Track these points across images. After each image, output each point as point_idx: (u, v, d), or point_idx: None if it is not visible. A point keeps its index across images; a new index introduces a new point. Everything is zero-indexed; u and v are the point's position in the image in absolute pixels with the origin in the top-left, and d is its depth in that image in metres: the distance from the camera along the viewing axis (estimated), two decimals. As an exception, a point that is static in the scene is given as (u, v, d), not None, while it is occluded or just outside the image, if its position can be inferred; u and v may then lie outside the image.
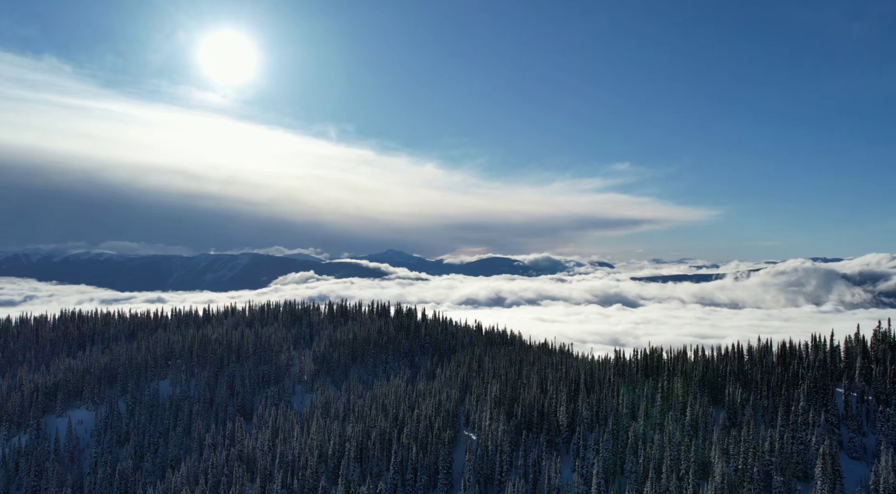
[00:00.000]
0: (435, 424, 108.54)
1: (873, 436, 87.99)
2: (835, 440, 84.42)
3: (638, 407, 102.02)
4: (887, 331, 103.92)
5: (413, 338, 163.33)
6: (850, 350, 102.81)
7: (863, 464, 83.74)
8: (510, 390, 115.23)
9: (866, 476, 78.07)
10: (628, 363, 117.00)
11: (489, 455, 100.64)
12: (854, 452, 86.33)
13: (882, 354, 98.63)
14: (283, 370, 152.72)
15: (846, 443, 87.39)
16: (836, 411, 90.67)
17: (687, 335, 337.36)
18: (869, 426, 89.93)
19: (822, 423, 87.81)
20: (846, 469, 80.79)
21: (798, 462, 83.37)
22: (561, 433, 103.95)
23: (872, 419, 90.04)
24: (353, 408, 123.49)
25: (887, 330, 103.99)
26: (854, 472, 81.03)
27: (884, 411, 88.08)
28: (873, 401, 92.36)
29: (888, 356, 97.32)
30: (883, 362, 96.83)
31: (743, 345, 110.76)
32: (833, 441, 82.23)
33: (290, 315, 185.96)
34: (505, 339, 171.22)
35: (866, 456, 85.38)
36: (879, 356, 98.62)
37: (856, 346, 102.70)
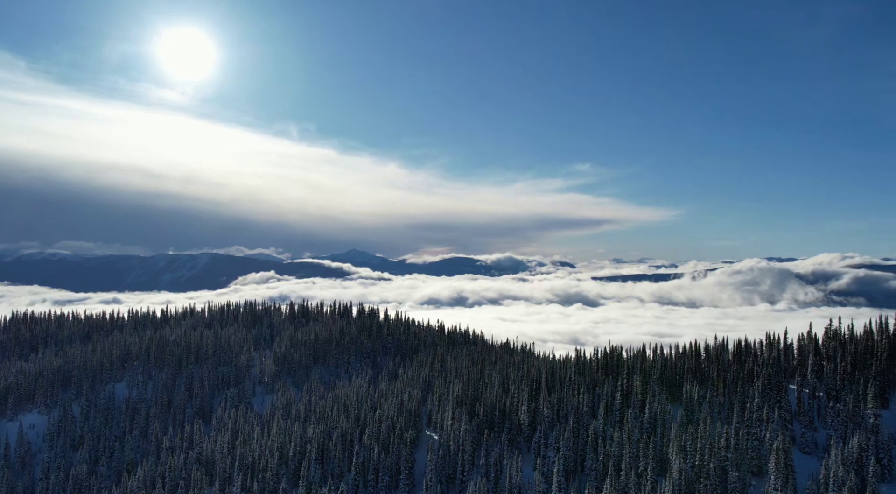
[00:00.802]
0: (397, 424, 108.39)
1: (824, 431, 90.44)
2: (787, 435, 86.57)
3: (598, 405, 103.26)
4: (838, 329, 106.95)
5: (375, 338, 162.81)
6: (802, 348, 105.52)
7: (814, 459, 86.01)
8: (472, 389, 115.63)
9: (817, 471, 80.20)
10: (588, 361, 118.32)
11: (451, 454, 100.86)
12: (806, 447, 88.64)
13: (833, 351, 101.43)
14: (243, 371, 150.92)
15: (798, 438, 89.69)
16: (789, 407, 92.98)
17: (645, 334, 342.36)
18: (820, 422, 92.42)
19: (776, 419, 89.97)
20: (798, 464, 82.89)
21: (752, 458, 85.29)
22: (522, 432, 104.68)
23: (823, 414, 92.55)
24: (315, 409, 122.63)
25: (838, 328, 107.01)
26: (806, 466, 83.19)
27: (834, 407, 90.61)
28: (824, 397, 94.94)
29: (839, 353, 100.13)
30: (834, 359, 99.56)
31: (700, 343, 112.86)
32: (786, 436, 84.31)
33: (251, 316, 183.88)
34: (467, 339, 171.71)
35: (817, 451, 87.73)
36: (831, 353, 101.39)
37: (808, 344, 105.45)
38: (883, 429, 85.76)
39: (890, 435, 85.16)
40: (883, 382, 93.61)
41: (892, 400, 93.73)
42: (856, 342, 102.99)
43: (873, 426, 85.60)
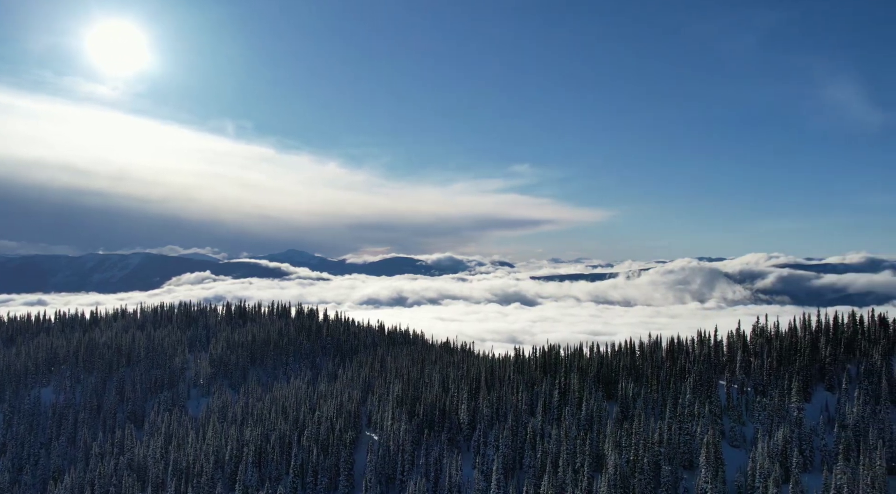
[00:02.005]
0: (336, 425, 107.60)
1: (752, 425, 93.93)
2: (717, 429, 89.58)
3: (536, 403, 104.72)
4: (764, 326, 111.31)
5: (314, 339, 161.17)
6: (731, 345, 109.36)
7: (742, 452, 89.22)
8: (412, 389, 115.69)
9: (745, 463, 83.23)
10: (527, 360, 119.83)
11: (391, 454, 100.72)
12: (735, 440, 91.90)
13: (760, 348, 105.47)
14: (177, 373, 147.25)
15: (727, 432, 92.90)
16: (718, 402, 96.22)
17: (581, 333, 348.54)
18: (748, 416, 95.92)
19: (706, 414, 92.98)
20: (727, 457, 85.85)
21: (684, 452, 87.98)
22: (462, 431, 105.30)
23: (751, 409, 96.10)
24: (252, 412, 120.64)
25: (764, 326, 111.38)
26: (735, 459, 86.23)
27: (761, 401, 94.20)
28: (752, 392, 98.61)
29: (765, 350, 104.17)
30: (761, 355, 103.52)
31: (635, 342, 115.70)
32: (716, 430, 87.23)
33: (185, 317, 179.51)
34: (407, 339, 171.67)
35: (745, 444, 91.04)
36: (758, 349, 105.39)
37: (737, 341, 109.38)
38: (806, 422, 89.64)
39: (812, 428, 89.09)
40: (806, 377, 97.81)
41: (815, 394, 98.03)
42: (781, 338, 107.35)
43: (797, 419, 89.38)
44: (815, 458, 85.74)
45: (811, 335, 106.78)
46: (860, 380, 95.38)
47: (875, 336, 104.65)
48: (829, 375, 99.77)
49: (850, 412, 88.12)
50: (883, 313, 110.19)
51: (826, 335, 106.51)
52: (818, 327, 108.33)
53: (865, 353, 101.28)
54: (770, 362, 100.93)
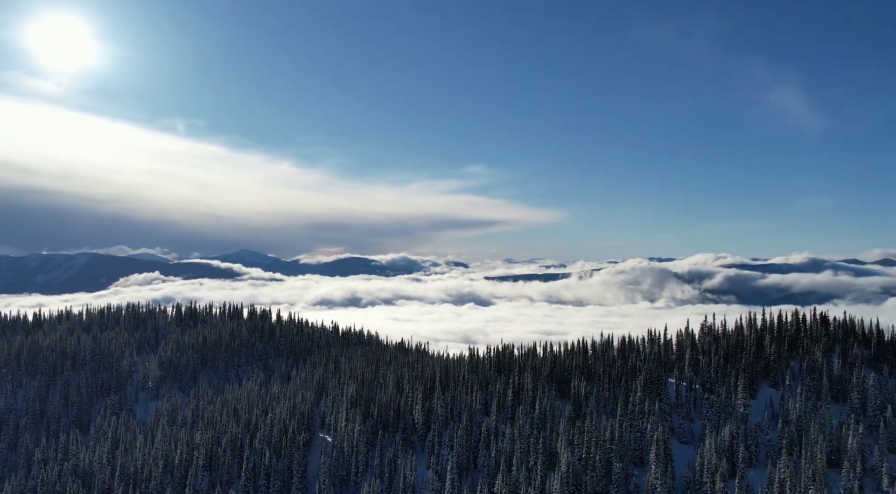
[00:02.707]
0: (289, 427, 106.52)
1: (700, 422, 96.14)
2: (667, 426, 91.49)
3: (491, 403, 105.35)
4: (712, 325, 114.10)
5: (267, 340, 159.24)
6: (680, 343, 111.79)
7: (691, 448, 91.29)
8: (366, 390, 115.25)
9: (693, 459, 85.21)
10: (482, 360, 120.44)
11: (345, 456, 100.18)
12: (683, 437, 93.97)
13: (708, 346, 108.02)
14: (124, 376, 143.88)
15: (676, 429, 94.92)
16: (668, 400, 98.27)
17: (534, 332, 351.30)
18: (696, 413, 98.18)
19: (656, 411, 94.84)
20: (676, 453, 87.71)
21: (635, 449, 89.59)
22: (417, 431, 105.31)
23: (699, 406, 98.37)
24: (203, 415, 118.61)
25: (712, 324, 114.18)
26: (683, 456, 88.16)
27: (709, 398, 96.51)
28: (700, 389, 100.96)
29: (713, 348, 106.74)
30: (709, 353, 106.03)
31: (587, 341, 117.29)
32: (665, 427, 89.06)
33: (134, 319, 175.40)
34: (362, 339, 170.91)
35: (693, 440, 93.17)
36: (706, 348, 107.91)
37: (685, 339, 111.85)
38: (751, 418, 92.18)
39: (757, 424, 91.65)
40: (751, 374, 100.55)
41: (760, 391, 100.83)
42: (728, 337, 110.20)
43: (743, 415, 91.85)
44: (759, 453, 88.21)
45: (756, 334, 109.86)
46: (803, 377, 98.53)
47: (817, 334, 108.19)
48: (774, 372, 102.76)
49: (793, 408, 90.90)
50: (824, 311, 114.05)
51: (771, 333, 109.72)
52: (763, 325, 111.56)
53: (808, 350, 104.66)
54: (717, 360, 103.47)
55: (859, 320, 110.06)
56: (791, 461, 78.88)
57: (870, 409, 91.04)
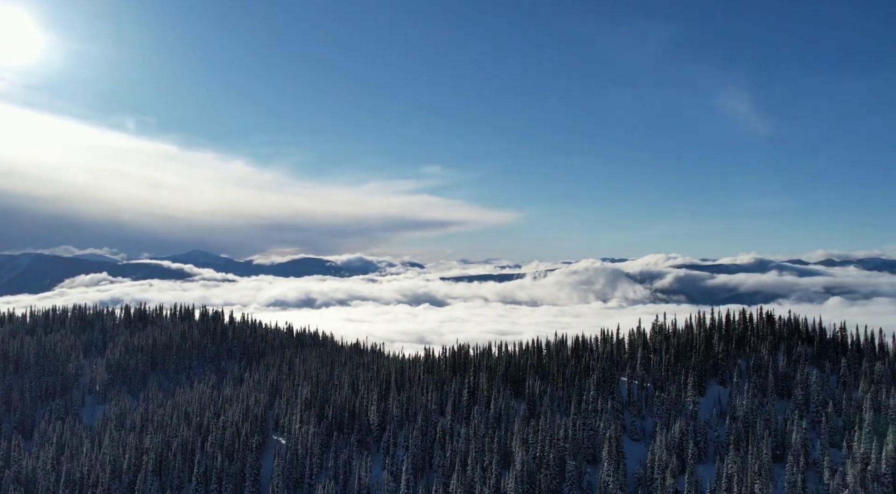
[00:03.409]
0: (242, 430, 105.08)
1: (651, 419, 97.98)
2: (619, 424, 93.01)
3: (446, 403, 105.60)
4: (663, 324, 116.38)
5: (219, 342, 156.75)
6: (632, 342, 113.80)
7: (642, 445, 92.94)
8: (321, 391, 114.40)
9: (645, 456, 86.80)
10: (437, 360, 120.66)
11: (299, 458, 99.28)
12: (635, 434, 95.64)
13: (659, 345, 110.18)
14: (70, 380, 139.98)
15: (628, 427, 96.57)
16: (620, 398, 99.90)
17: (488, 332, 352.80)
18: (647, 411, 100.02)
19: (609, 410, 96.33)
20: (628, 451, 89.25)
21: (588, 447, 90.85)
22: (372, 432, 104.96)
23: (650, 403, 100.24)
24: (153, 418, 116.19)
25: (663, 324, 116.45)
26: (635, 453, 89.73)
27: (659, 396, 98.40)
28: (651, 387, 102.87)
29: (664, 346, 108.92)
30: (659, 352, 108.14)
31: (541, 340, 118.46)
32: (617, 425, 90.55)
33: (80, 321, 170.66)
34: (316, 340, 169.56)
35: (645, 438, 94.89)
36: (657, 347, 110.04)
37: (637, 338, 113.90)
38: (700, 415, 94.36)
39: (706, 420, 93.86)
40: (701, 372, 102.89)
41: (709, 388, 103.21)
42: (678, 336, 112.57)
43: (692, 412, 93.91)
44: (708, 449, 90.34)
45: (705, 333, 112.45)
46: (749, 374, 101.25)
47: (763, 333, 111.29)
48: (722, 370, 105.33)
49: (741, 405, 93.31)
50: (770, 311, 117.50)
51: (719, 332, 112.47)
52: (712, 324, 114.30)
53: (754, 348, 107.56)
54: (668, 358, 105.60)
55: (803, 318, 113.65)
56: (738, 456, 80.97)
57: (812, 405, 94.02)
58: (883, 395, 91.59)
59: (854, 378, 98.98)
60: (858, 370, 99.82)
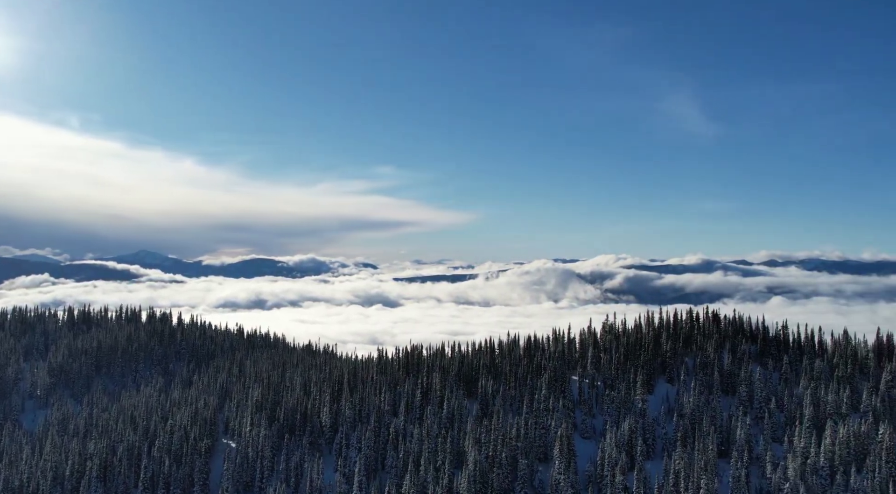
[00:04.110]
0: (191, 434, 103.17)
1: (601, 417, 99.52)
2: (570, 423, 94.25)
3: (399, 403, 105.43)
4: (613, 324, 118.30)
5: (167, 344, 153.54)
6: (583, 342, 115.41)
7: (592, 443, 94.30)
8: (272, 393, 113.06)
9: (595, 453, 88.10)
10: (390, 361, 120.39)
11: (249, 461, 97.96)
12: (586, 432, 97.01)
13: (609, 344, 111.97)
14: (10, 384, 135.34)
15: (579, 425, 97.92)
16: (571, 396, 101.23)
17: (440, 333, 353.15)
18: (598, 409, 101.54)
19: (560, 408, 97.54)
20: (579, 449, 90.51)
21: (540, 446, 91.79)
22: (324, 433, 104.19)
23: (601, 402, 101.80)
24: (97, 423, 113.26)
25: (613, 323, 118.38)
26: (586, 450, 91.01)
27: (610, 394, 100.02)
28: (601, 386, 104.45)
29: (614, 346, 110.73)
30: (610, 351, 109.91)
31: (494, 340, 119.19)
32: (568, 424, 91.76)
33: (21, 323, 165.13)
34: (267, 342, 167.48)
35: (595, 436, 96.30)
36: (607, 346, 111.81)
37: (588, 338, 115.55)
38: (649, 412, 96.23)
39: (654, 418, 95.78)
40: (649, 370, 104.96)
41: (657, 386, 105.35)
42: (627, 335, 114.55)
43: (641, 410, 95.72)
44: (657, 446, 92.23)
45: (654, 332, 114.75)
46: (696, 372, 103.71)
47: (709, 331, 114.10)
48: (670, 368, 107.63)
49: (687, 402, 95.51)
50: (715, 310, 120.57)
51: (667, 331, 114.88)
52: (660, 324, 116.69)
53: (701, 347, 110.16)
54: (618, 357, 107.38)
55: (747, 318, 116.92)
56: (685, 452, 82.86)
57: (756, 401, 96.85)
58: (822, 391, 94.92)
59: (795, 375, 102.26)
60: (799, 367, 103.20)
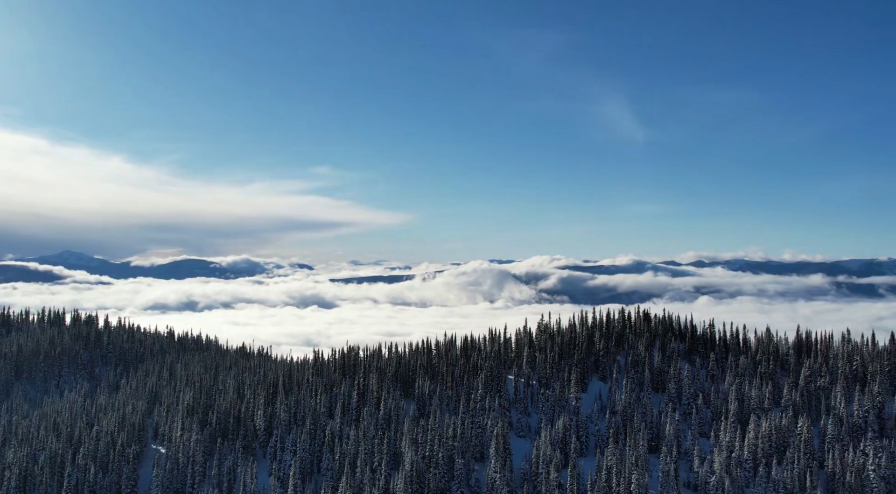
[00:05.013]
0: (118, 440, 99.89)
1: (536, 415, 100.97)
2: (506, 421, 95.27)
3: (335, 405, 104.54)
4: (548, 323, 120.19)
5: (93, 348, 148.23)
6: (519, 342, 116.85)
7: (527, 441, 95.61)
8: (205, 397, 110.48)
9: (530, 451, 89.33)
10: (326, 362, 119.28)
11: (180, 467, 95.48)
12: (521, 431, 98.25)
13: (544, 343, 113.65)
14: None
15: (515, 424, 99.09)
16: (507, 395, 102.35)
17: (376, 334, 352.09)
18: (533, 407, 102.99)
19: (496, 407, 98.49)
20: (515, 447, 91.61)
21: (476, 445, 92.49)
22: (258, 437, 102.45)
23: (536, 400, 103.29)
24: (17, 431, 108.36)
25: (548, 323, 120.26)
26: (521, 449, 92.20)
27: (545, 393, 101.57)
28: (537, 385, 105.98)
29: (549, 345, 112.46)
30: (544, 350, 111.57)
31: (431, 341, 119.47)
32: (504, 422, 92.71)
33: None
34: (200, 344, 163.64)
35: (530, 434, 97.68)
36: (542, 345, 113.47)
37: (524, 338, 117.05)
38: (582, 410, 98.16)
39: (588, 415, 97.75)
40: (583, 369, 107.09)
41: (591, 384, 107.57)
42: (562, 334, 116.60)
43: (575, 408, 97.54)
44: (590, 443, 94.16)
45: (587, 331, 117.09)
46: (628, 370, 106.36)
47: (640, 330, 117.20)
48: (603, 366, 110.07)
49: (619, 399, 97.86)
50: (646, 309, 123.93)
51: (600, 330, 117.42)
52: (593, 323, 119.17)
53: (632, 345, 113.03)
54: (552, 356, 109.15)
55: (676, 317, 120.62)
56: (617, 448, 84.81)
57: (684, 398, 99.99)
58: (746, 387, 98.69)
59: (721, 372, 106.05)
60: (725, 364, 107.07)
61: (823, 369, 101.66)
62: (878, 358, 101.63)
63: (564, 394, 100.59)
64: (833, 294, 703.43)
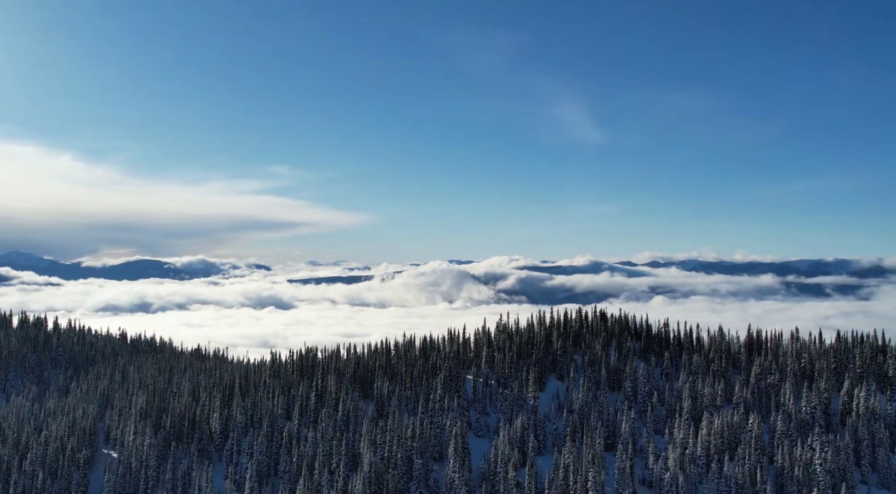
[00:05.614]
0: (67, 445, 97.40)
1: (494, 415, 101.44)
2: (464, 421, 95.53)
3: (293, 407, 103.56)
4: (506, 323, 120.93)
5: (42, 350, 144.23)
6: (478, 342, 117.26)
7: (486, 440, 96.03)
8: (158, 400, 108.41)
9: (489, 451, 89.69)
10: (284, 364, 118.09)
11: (133, 471, 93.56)
12: (480, 431, 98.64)
13: (503, 343, 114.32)
14: None
15: (474, 423, 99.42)
16: (466, 395, 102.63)
17: (335, 335, 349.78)
18: (491, 407, 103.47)
19: (455, 407, 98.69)
20: (473, 446, 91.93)
21: (435, 445, 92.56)
22: (214, 440, 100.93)
23: (494, 400, 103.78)
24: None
25: (506, 323, 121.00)
26: (480, 448, 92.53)
27: (503, 392, 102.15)
28: (495, 384, 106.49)
29: (507, 345, 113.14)
30: (503, 350, 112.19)
31: (390, 341, 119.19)
32: (463, 422, 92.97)
33: None
34: (153, 347, 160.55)
35: (489, 433, 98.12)
36: (501, 345, 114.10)
37: (482, 337, 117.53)
38: (540, 409, 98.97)
39: (545, 414, 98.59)
40: (541, 368, 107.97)
41: (548, 383, 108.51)
42: (520, 334, 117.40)
43: (533, 407, 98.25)
44: (547, 441, 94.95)
45: (545, 331, 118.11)
46: (585, 369, 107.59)
47: (597, 330, 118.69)
48: (560, 365, 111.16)
49: (577, 398, 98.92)
50: (603, 309, 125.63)
51: (558, 330, 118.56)
52: (551, 323, 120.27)
53: (589, 345, 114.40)
54: (511, 356, 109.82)
55: (632, 316, 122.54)
56: (574, 447, 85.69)
57: (640, 396, 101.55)
58: (699, 384, 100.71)
59: (675, 370, 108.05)
60: (679, 363, 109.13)
61: (773, 366, 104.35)
62: (825, 356, 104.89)
63: (522, 393, 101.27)
64: (783, 294, 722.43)
